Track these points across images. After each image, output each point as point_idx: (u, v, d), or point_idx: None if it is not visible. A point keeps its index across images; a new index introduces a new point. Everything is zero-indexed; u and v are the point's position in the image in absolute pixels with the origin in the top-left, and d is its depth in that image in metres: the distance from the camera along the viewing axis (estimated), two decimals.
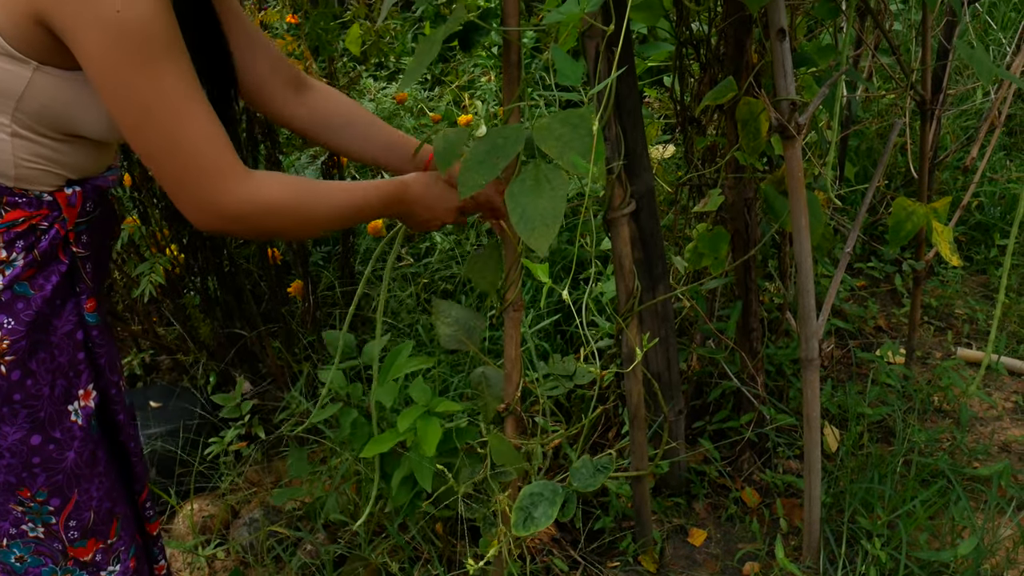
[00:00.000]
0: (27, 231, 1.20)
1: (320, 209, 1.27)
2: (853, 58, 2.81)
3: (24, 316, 1.20)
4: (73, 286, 1.27)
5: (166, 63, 1.10)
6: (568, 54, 1.18)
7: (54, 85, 1.13)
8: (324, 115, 1.52)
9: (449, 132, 1.40)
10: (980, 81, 2.84)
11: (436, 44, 1.29)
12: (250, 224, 1.21)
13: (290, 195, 1.23)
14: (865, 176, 3.42)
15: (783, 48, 1.52)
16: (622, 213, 1.65)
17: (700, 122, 2.18)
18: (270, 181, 1.21)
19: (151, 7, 1.07)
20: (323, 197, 1.28)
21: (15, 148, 1.15)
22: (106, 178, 1.29)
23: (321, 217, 1.28)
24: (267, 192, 1.20)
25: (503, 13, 1.38)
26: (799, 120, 1.52)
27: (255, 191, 1.19)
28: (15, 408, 1.21)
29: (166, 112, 1.11)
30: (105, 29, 1.05)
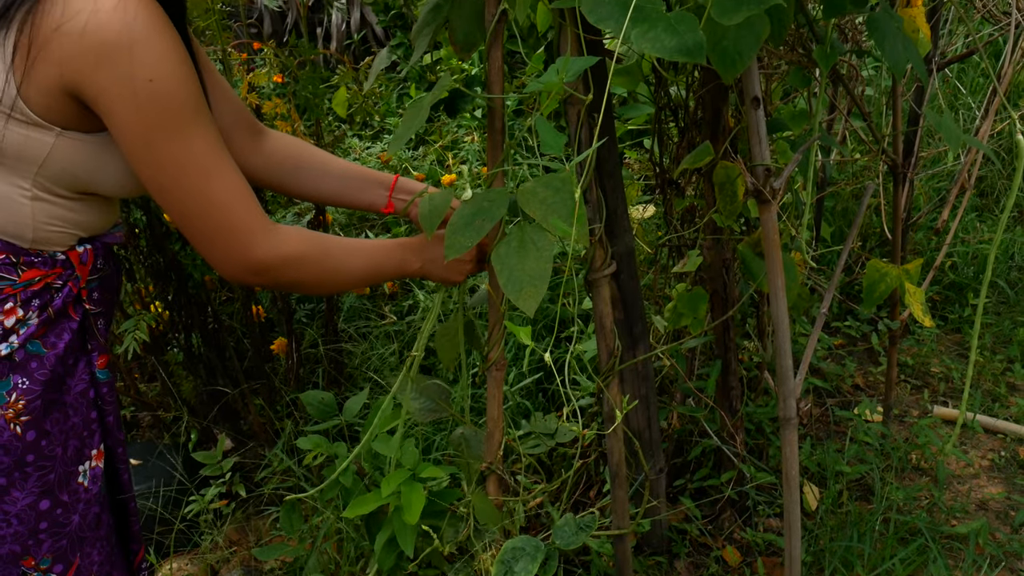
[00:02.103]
0: (42, 290, 1.22)
1: (340, 264, 1.32)
2: (827, 122, 2.88)
3: (38, 375, 1.21)
4: (84, 343, 1.29)
5: (195, 127, 1.14)
6: (550, 123, 1.22)
7: (75, 148, 1.16)
8: (278, 160, 1.55)
9: (434, 195, 1.44)
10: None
11: (424, 111, 1.33)
12: (274, 276, 1.26)
13: (313, 249, 1.28)
14: (841, 236, 3.48)
15: (758, 116, 1.57)
16: (603, 274, 1.69)
17: (679, 184, 2.23)
18: (294, 234, 1.26)
19: (180, 76, 1.11)
20: (342, 253, 1.33)
21: (34, 211, 1.18)
22: (114, 235, 1.32)
23: (341, 272, 1.33)
24: (292, 245, 1.25)
25: (487, 81, 1.43)
26: (774, 185, 1.57)
27: (280, 244, 1.23)
28: (27, 472, 1.21)
29: (197, 174, 1.16)
30: (137, 99, 1.09)
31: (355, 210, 1.86)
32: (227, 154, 1.20)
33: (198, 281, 2.34)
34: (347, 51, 5.40)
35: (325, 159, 1.58)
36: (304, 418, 2.56)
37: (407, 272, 1.44)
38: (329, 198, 1.59)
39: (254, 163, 1.53)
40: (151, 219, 2.21)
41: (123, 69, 1.08)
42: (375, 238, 3.13)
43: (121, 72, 1.08)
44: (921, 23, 2.13)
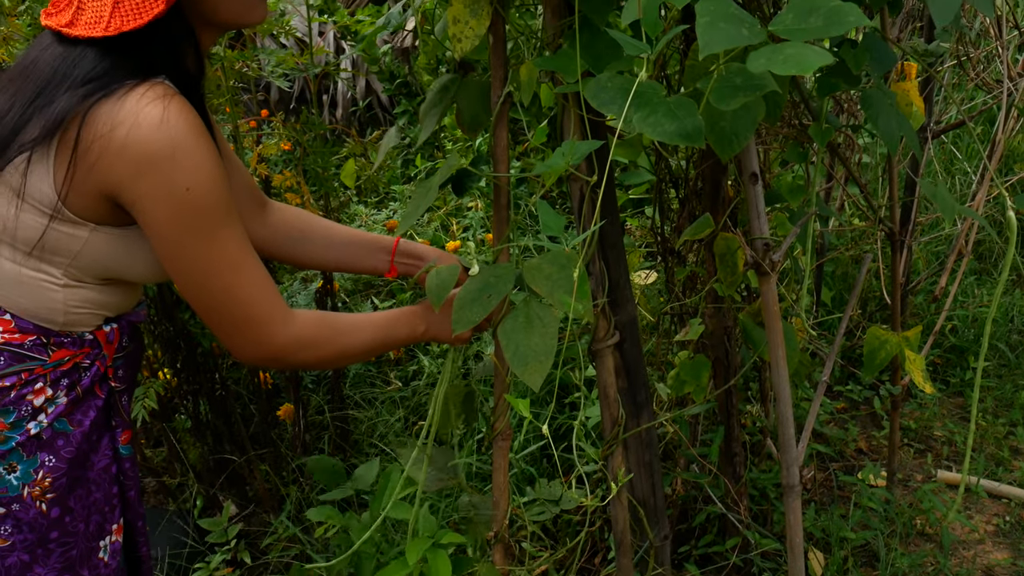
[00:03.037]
0: (71, 369, 1.25)
1: (349, 341, 1.37)
2: (824, 191, 2.94)
3: (64, 453, 1.24)
4: (109, 420, 1.32)
5: (225, 229, 1.19)
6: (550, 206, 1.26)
7: (107, 241, 1.20)
8: (284, 231, 1.60)
9: (442, 269, 1.47)
10: None
11: (432, 191, 1.37)
12: (290, 360, 1.31)
13: (324, 330, 1.33)
14: (841, 301, 3.52)
15: (756, 190, 1.62)
16: (607, 344, 1.72)
17: (680, 254, 2.27)
18: (307, 319, 1.31)
19: (213, 182, 1.16)
20: (352, 330, 1.38)
21: (65, 297, 1.22)
22: (138, 313, 1.36)
23: (351, 348, 1.38)
24: (306, 330, 1.30)
25: (493, 159, 1.48)
26: (773, 258, 1.61)
27: (299, 331, 1.29)
28: (50, 548, 1.23)
29: (224, 272, 1.21)
30: (174, 205, 1.14)
31: (360, 275, 1.91)
32: (251, 247, 1.25)
33: (206, 348, 2.37)
34: (353, 117, 5.50)
35: (329, 228, 1.64)
36: (310, 484, 2.57)
37: (416, 338, 1.48)
38: (334, 265, 1.65)
39: (261, 234, 1.58)
40: (161, 289, 2.25)
41: (162, 179, 1.13)
42: (381, 307, 3.17)
43: (160, 181, 1.13)
44: (915, 97, 2.19)
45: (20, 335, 1.21)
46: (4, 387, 1.20)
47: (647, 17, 1.00)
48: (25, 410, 1.21)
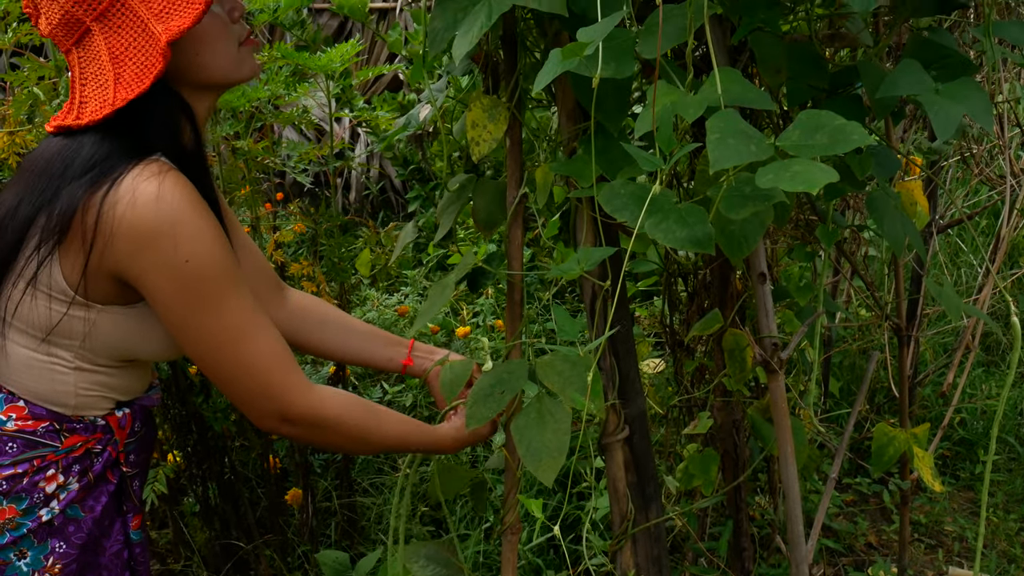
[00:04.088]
0: (83, 455, 1.27)
1: (375, 434, 1.37)
2: (831, 284, 2.97)
3: (75, 539, 1.25)
4: (120, 505, 1.33)
5: (229, 298, 1.21)
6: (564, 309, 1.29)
7: (115, 321, 1.23)
8: (301, 315, 1.62)
9: (455, 364, 1.50)
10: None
11: (448, 289, 1.41)
12: (310, 434, 1.32)
13: (353, 415, 1.34)
14: (849, 391, 3.52)
15: (764, 289, 1.65)
16: (616, 439, 1.73)
17: (689, 347, 2.29)
18: (334, 398, 1.32)
19: (213, 252, 1.19)
20: (381, 424, 1.39)
21: (77, 380, 1.24)
22: (151, 397, 1.38)
23: (374, 441, 1.39)
24: (330, 408, 1.31)
25: (508, 258, 1.52)
26: (781, 356, 1.63)
27: (319, 405, 1.29)
28: None
29: (234, 341, 1.22)
30: (175, 277, 1.17)
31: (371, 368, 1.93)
32: (262, 314, 1.26)
33: (218, 432, 2.38)
34: (366, 200, 5.59)
35: (346, 318, 1.66)
36: (316, 572, 2.56)
37: (439, 449, 1.51)
38: (352, 356, 1.66)
39: (279, 318, 1.59)
40: (175, 371, 2.28)
41: (162, 253, 1.16)
42: (391, 392, 3.18)
43: (160, 255, 1.16)
44: (919, 196, 2.24)
45: (33, 421, 1.23)
46: (17, 474, 1.21)
47: (661, 134, 1.05)
48: (37, 497, 1.22)
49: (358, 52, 1.95)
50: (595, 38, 1.01)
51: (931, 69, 1.33)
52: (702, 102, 1.09)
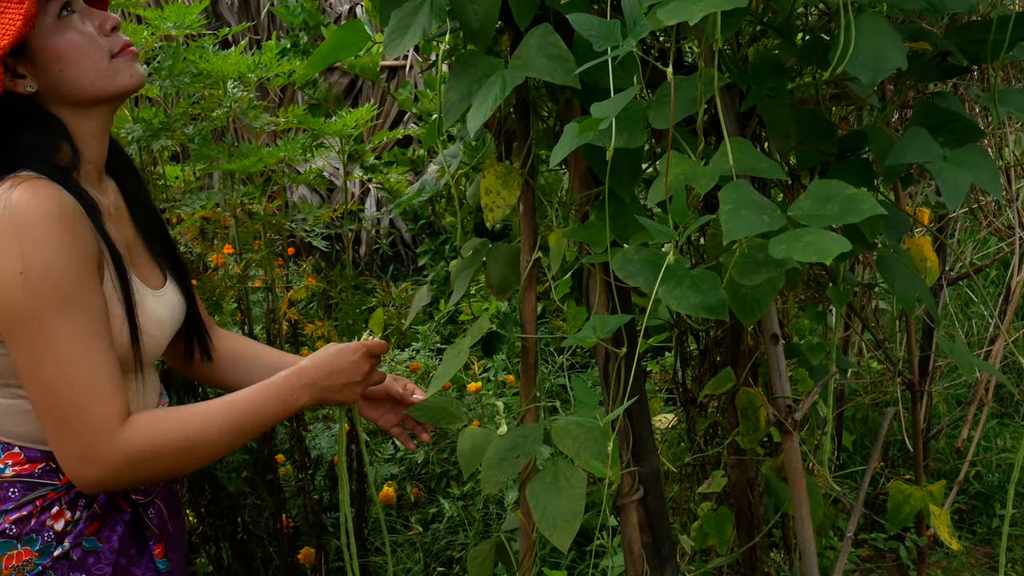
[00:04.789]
0: None
1: (202, 438, 1.25)
2: (843, 338, 2.97)
3: (96, 570, 1.24)
4: (141, 533, 1.32)
5: (61, 319, 1.15)
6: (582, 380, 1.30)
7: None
8: (220, 356, 1.57)
9: (475, 432, 1.51)
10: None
11: (464, 353, 1.42)
12: (126, 476, 1.21)
13: (163, 437, 1.22)
14: (862, 444, 3.51)
15: (777, 350, 1.66)
16: (631, 500, 1.73)
17: (702, 404, 2.29)
18: (141, 429, 1.21)
19: (50, 268, 1.14)
20: (202, 426, 1.26)
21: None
22: None
23: (207, 445, 1.26)
24: (138, 442, 1.20)
25: (521, 321, 1.53)
26: (795, 417, 1.63)
27: (126, 443, 1.19)
28: None
29: (50, 368, 1.16)
30: (6, 287, 1.14)
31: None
32: (99, 349, 1.18)
33: (231, 492, 2.38)
34: (375, 254, 5.62)
35: (260, 351, 1.62)
36: None
37: (293, 409, 1.38)
38: None
39: (206, 366, 1.56)
40: None
41: (4, 263, 1.13)
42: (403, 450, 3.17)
43: (2, 264, 1.13)
44: (928, 252, 2.25)
45: (30, 464, 1.24)
46: (23, 516, 1.22)
47: (675, 206, 1.07)
48: (48, 536, 1.22)
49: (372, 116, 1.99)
50: (609, 114, 1.04)
51: (938, 134, 1.36)
52: (714, 173, 1.11)
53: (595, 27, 1.06)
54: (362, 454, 2.63)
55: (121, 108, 2.08)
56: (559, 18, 1.40)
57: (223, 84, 1.96)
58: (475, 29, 1.33)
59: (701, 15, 0.91)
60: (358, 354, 1.44)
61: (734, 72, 1.39)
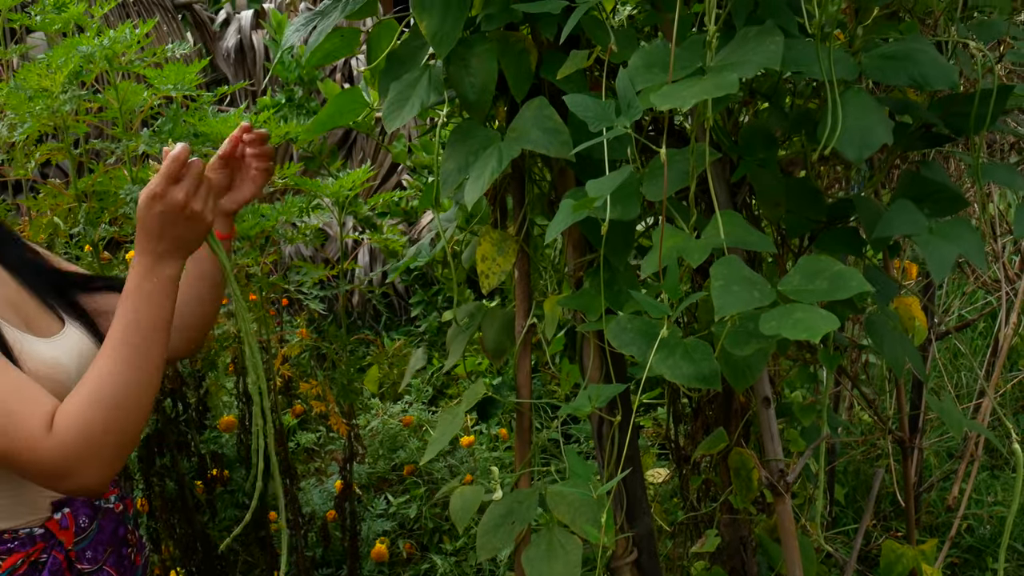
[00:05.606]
0: (29, 569, 1.22)
1: (115, 385, 1.17)
2: (833, 393, 2.99)
3: None
4: None
5: None
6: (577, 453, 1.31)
7: None
8: None
9: (466, 491, 1.52)
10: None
11: (459, 418, 1.43)
12: (90, 463, 1.14)
13: (84, 412, 1.15)
14: (854, 498, 3.51)
15: (769, 413, 1.67)
16: (625, 562, 1.73)
17: (695, 462, 2.30)
18: (62, 420, 1.14)
19: None
20: (103, 375, 1.18)
21: None
22: (102, 497, 1.33)
23: (125, 386, 1.18)
24: (70, 432, 1.14)
25: (516, 385, 1.55)
26: (787, 480, 1.65)
27: (61, 441, 1.13)
28: None
29: None
30: None
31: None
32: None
33: (223, 551, 2.37)
34: (368, 304, 5.63)
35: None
36: None
37: (164, 283, 1.24)
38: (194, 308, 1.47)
39: None
40: (183, 491, 2.28)
41: None
42: (395, 504, 3.16)
43: None
44: (916, 311, 2.28)
45: None
46: None
47: (668, 282, 1.09)
48: None
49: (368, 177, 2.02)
50: (604, 192, 1.06)
51: (924, 204, 1.39)
52: (706, 247, 1.14)
53: (590, 108, 1.09)
54: (355, 512, 2.63)
55: (120, 169, 2.11)
56: (553, 89, 1.44)
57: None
58: (472, 101, 1.37)
59: (693, 102, 0.94)
60: (159, 195, 1.22)
61: (725, 143, 1.43)
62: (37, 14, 2.15)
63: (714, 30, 1.06)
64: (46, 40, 2.60)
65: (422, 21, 1.32)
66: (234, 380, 2.32)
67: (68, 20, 2.12)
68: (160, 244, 1.23)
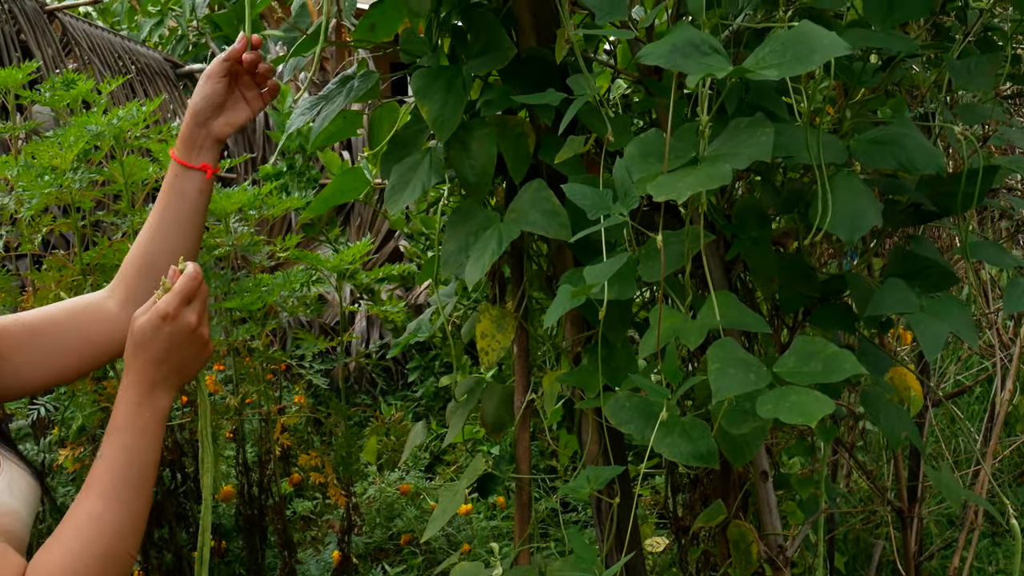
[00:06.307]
0: None
1: (102, 535, 1.05)
2: (832, 462, 2.99)
3: None
4: None
5: None
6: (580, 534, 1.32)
7: None
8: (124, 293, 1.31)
9: (466, 567, 1.52)
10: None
11: (459, 495, 1.44)
12: None
13: (65, 565, 1.02)
14: (855, 565, 3.48)
15: (767, 487, 1.68)
16: None
17: (694, 533, 2.30)
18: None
19: None
20: (90, 526, 1.05)
21: None
22: None
23: (113, 536, 1.05)
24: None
25: (516, 460, 1.56)
26: (786, 555, 1.65)
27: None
28: None
29: None
30: None
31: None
32: None
33: None
34: (365, 369, 5.64)
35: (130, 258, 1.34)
36: None
37: (160, 420, 1.13)
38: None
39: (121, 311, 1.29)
40: (180, 563, 2.27)
41: None
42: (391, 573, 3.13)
43: None
44: (911, 380, 2.29)
45: None
46: None
47: (667, 366, 1.11)
48: None
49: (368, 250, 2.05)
50: (601, 279, 1.09)
51: (914, 281, 1.42)
52: (702, 329, 1.16)
53: (588, 196, 1.12)
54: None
55: (125, 243, 2.14)
56: (551, 169, 1.48)
57: (226, 220, 2.02)
58: (472, 183, 1.41)
59: (689, 193, 0.98)
60: (172, 315, 1.12)
61: (719, 221, 1.46)
62: (46, 91, 2.21)
63: (707, 120, 1.10)
64: (53, 114, 2.66)
65: (423, 106, 1.36)
66: (234, 450, 2.32)
67: (76, 96, 2.17)
68: (160, 371, 1.12)
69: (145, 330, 1.12)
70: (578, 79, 1.25)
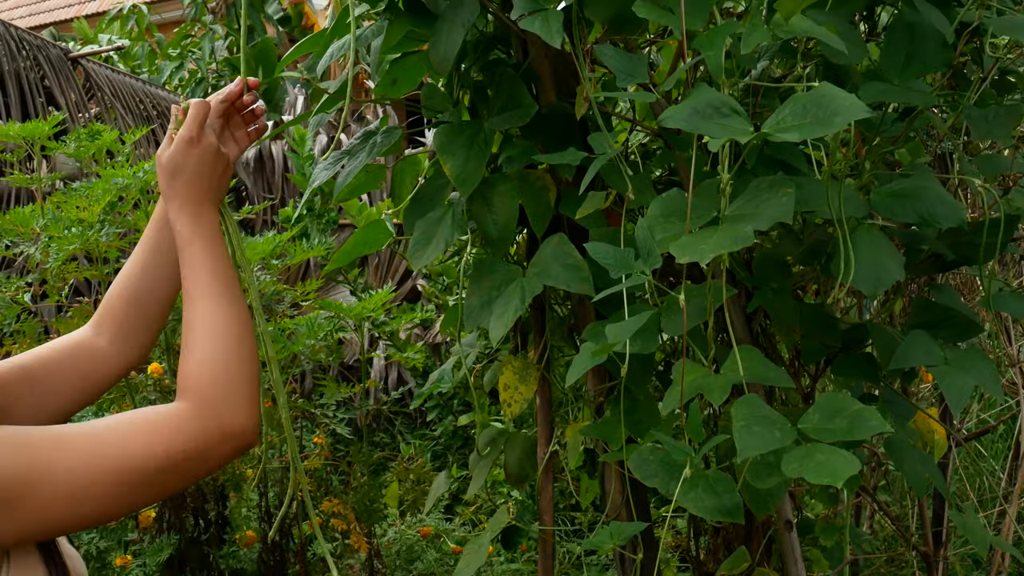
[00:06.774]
0: None
1: (224, 309, 1.11)
2: (856, 504, 2.97)
3: None
4: None
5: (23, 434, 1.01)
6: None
7: None
8: (111, 326, 1.31)
9: None
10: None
11: (484, 548, 1.44)
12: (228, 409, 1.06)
13: (209, 351, 1.09)
14: None
15: (791, 537, 1.67)
16: None
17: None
18: (182, 383, 1.08)
19: None
20: (206, 302, 1.12)
21: None
22: None
23: (232, 310, 1.12)
24: (194, 390, 1.07)
25: (540, 511, 1.56)
26: None
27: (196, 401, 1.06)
28: None
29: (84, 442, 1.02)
30: None
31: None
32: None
33: None
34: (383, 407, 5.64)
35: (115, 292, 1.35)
36: None
37: (207, 224, 1.18)
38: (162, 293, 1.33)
39: (106, 345, 1.30)
40: None
41: None
42: None
43: None
44: (935, 424, 2.28)
45: None
46: None
47: (690, 424, 1.12)
48: None
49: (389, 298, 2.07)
50: (623, 337, 1.10)
51: (937, 331, 1.42)
52: (726, 384, 1.17)
53: (610, 256, 1.13)
54: None
55: None
56: (571, 221, 1.49)
57: (248, 269, 2.04)
58: (494, 238, 1.42)
59: (712, 256, 0.98)
60: (195, 138, 1.20)
61: (740, 273, 1.47)
62: (72, 142, 2.24)
63: (727, 178, 1.11)
64: (78, 164, 2.70)
65: (446, 163, 1.38)
66: (258, 496, 2.33)
67: (101, 147, 2.20)
68: (201, 187, 1.19)
69: (176, 158, 1.19)
70: (598, 137, 1.26)
